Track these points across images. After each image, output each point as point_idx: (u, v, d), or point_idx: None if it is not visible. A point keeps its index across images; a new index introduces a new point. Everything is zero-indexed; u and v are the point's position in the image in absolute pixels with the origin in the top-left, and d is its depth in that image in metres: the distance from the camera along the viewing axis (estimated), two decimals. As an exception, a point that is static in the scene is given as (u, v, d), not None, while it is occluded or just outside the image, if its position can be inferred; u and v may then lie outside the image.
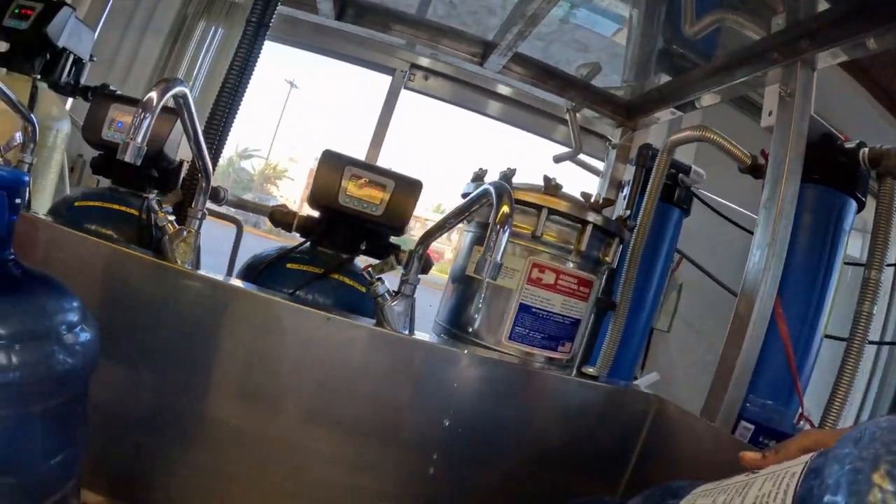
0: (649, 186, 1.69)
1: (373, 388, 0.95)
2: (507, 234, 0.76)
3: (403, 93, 2.98)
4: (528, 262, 1.08)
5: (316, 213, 1.29)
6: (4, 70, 1.52)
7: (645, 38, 1.83)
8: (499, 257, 0.74)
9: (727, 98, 1.80)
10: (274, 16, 1.25)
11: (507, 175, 1.21)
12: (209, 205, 1.07)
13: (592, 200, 1.14)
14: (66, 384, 0.59)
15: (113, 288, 0.96)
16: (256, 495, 0.97)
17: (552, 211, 1.08)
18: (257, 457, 0.96)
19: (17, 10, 1.50)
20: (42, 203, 1.51)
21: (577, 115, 2.13)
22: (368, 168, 1.19)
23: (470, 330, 1.11)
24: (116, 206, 1.26)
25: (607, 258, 1.18)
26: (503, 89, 2.90)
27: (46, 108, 1.52)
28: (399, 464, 0.97)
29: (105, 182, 1.41)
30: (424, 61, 2.84)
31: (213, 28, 2.88)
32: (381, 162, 2.94)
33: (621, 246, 1.22)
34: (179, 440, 0.96)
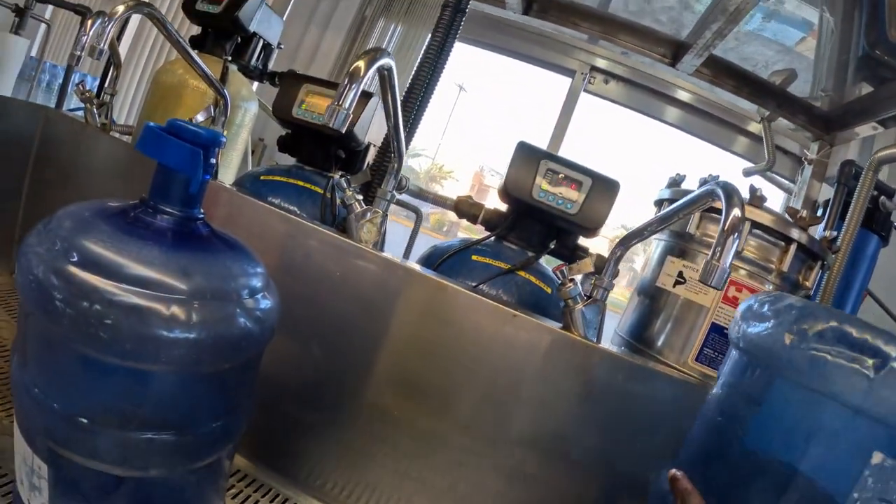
0: (851, 208, 1.50)
1: (546, 395, 0.89)
2: (737, 240, 0.68)
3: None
4: (727, 278, 0.97)
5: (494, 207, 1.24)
6: (196, 52, 1.60)
7: (843, 44, 1.64)
8: (727, 264, 0.67)
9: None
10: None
11: (677, 181, 1.16)
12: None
13: (798, 217, 1.04)
14: (241, 350, 0.57)
15: (293, 260, 0.96)
16: (399, 482, 0.94)
17: (755, 224, 1.00)
18: (408, 446, 0.93)
19: (209, -5, 1.55)
20: (227, 176, 1.58)
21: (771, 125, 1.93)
22: (564, 163, 1.12)
23: (653, 345, 1.04)
24: (301, 183, 1.27)
25: (807, 283, 1.09)
26: (682, 94, 2.73)
27: (236, 87, 1.59)
28: (553, 479, 0.90)
29: (288, 162, 1.44)
30: (601, 62, 2.73)
31: (393, 26, 2.97)
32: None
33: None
34: (333, 418, 0.95)
